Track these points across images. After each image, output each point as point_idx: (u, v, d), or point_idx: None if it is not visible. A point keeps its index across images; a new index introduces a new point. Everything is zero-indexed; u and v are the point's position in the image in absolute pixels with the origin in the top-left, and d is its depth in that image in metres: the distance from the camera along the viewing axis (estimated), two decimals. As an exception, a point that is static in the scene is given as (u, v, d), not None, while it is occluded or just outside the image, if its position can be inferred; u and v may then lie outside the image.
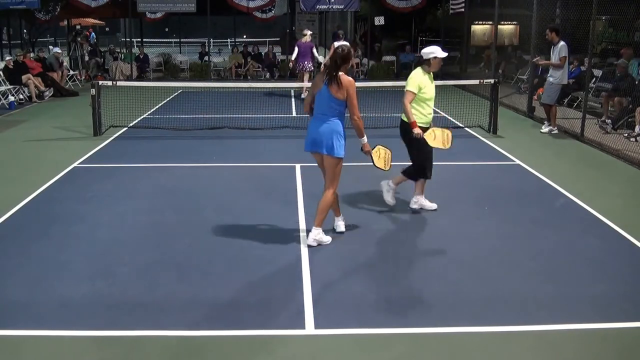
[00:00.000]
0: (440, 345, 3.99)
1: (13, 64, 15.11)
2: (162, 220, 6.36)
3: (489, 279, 4.94)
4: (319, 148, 5.46)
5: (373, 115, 12.33)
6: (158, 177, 8.05)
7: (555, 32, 10.69)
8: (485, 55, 19.00)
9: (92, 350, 3.89)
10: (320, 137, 5.43)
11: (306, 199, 6.90)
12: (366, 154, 5.70)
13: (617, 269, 5.18)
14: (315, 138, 5.47)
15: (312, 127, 5.52)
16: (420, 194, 6.61)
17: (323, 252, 5.48)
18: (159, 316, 4.31)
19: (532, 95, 13.14)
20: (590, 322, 4.24)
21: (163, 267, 5.14)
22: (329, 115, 5.42)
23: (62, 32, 27.39)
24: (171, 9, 20.35)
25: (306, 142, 5.58)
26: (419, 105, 6.27)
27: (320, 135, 5.43)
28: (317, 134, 5.44)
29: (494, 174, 8.38)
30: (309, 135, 5.54)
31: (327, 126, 5.41)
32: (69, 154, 9.24)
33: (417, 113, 6.27)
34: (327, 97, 5.37)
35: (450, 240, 5.82)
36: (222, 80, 20.30)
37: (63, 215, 6.48)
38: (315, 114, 5.53)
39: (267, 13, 21.69)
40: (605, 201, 6.63)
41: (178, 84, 16.67)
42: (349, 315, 4.32)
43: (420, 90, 6.21)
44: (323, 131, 5.42)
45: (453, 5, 19.20)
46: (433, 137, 6.28)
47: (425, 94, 6.25)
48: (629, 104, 10.70)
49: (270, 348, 3.93)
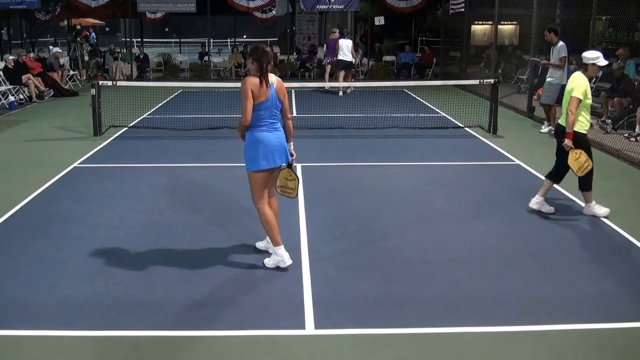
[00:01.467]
0: (440, 345, 3.99)
1: (14, 64, 15.10)
2: (162, 220, 6.36)
3: (488, 279, 4.94)
4: (285, 159, 5.05)
5: (373, 115, 12.35)
6: (158, 177, 8.05)
7: (554, 32, 10.68)
8: (485, 55, 18.99)
9: (92, 350, 3.89)
10: (284, 146, 5.03)
11: (306, 199, 6.90)
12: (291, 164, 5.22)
13: (617, 269, 5.18)
14: (283, 148, 5.01)
15: (274, 138, 4.94)
16: (542, 194, 6.48)
17: (323, 252, 5.47)
18: (159, 316, 4.31)
19: (532, 95, 13.14)
20: (590, 322, 4.24)
21: (163, 267, 5.14)
22: (277, 122, 5.00)
23: (62, 32, 27.39)
24: (171, 9, 20.35)
25: (272, 156, 4.94)
26: (582, 111, 6.08)
27: (284, 145, 5.03)
28: (281, 144, 4.99)
29: (494, 174, 8.38)
30: (277, 149, 4.95)
31: (282, 134, 5.01)
32: (69, 154, 9.24)
33: (580, 120, 6.09)
34: (276, 103, 4.93)
35: (450, 240, 5.81)
36: (222, 80, 20.29)
37: (63, 215, 6.48)
38: (266, 124, 4.94)
39: (267, 13, 21.69)
40: (605, 201, 6.62)
41: (178, 84, 16.68)
42: (349, 315, 4.32)
43: (586, 96, 6.02)
44: (284, 141, 5.02)
45: (453, 5, 19.20)
46: (575, 157, 6.07)
47: (589, 100, 6.09)
48: (629, 104, 10.71)
49: (270, 348, 3.93)
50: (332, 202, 6.93)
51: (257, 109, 4.87)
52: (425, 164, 8.85)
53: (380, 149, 9.78)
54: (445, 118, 12.64)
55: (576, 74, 6.21)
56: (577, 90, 6.04)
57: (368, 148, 9.81)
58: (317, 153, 9.39)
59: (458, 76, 18.74)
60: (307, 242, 5.68)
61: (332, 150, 9.68)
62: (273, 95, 4.89)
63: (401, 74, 20.63)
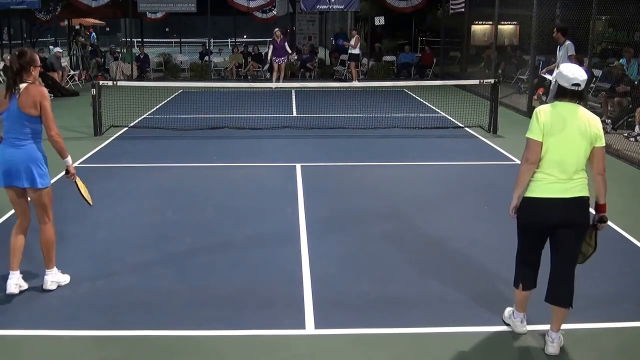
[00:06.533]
0: (440, 345, 3.99)
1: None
2: (163, 220, 6.36)
3: (488, 279, 4.94)
4: (17, 181, 4.45)
5: (373, 115, 12.35)
6: (158, 177, 8.05)
7: (562, 31, 10.70)
8: (485, 55, 19.00)
9: (92, 350, 3.89)
10: (16, 168, 4.42)
11: (306, 199, 6.90)
12: (70, 178, 4.88)
13: (617, 269, 5.18)
14: (9, 169, 4.43)
15: (4, 155, 4.43)
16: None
17: (323, 252, 5.48)
18: (159, 316, 4.31)
19: (532, 95, 13.14)
20: (590, 322, 4.23)
21: (163, 267, 5.14)
22: (22, 139, 4.43)
23: (63, 32, 27.40)
24: (171, 9, 20.36)
25: (4, 175, 4.46)
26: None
27: (16, 165, 4.42)
28: (12, 163, 4.41)
29: (494, 173, 8.38)
30: (4, 168, 4.45)
31: (22, 153, 4.42)
32: (70, 153, 9.20)
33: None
34: (17, 115, 4.37)
35: (450, 240, 5.81)
36: (223, 80, 20.29)
37: (63, 215, 6.47)
38: (5, 138, 4.46)
39: (268, 13, 21.68)
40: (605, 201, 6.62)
41: (178, 84, 16.68)
42: (349, 315, 4.32)
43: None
44: (19, 160, 4.41)
45: (453, 5, 19.20)
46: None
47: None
48: (628, 104, 10.71)
49: (270, 348, 3.93)
50: (332, 202, 6.93)
51: (3, 118, 4.43)
52: (425, 163, 8.85)
53: (381, 149, 9.78)
54: (446, 118, 12.64)
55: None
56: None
57: (368, 148, 9.81)
58: (317, 153, 9.40)
59: (458, 76, 18.73)
60: (307, 242, 5.68)
61: (332, 150, 9.68)
62: (13, 107, 4.36)
63: (401, 74, 20.63)
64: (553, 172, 3.76)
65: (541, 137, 3.76)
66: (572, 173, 3.76)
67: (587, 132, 3.72)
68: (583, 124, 3.73)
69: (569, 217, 3.77)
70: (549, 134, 3.74)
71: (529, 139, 3.81)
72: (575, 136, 3.72)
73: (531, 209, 3.82)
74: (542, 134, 3.75)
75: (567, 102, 3.77)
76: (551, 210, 3.76)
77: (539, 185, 3.80)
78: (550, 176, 3.76)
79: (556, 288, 3.83)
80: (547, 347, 3.87)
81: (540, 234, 3.87)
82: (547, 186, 3.77)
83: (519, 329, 4.07)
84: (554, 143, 3.74)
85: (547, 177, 3.77)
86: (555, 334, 3.86)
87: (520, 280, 3.97)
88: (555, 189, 3.76)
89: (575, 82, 3.72)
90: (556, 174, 3.75)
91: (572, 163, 3.74)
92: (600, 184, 3.86)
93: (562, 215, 3.76)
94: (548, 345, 3.86)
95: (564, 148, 3.73)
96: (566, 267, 3.84)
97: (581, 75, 3.73)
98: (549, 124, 3.73)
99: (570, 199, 3.76)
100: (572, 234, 3.81)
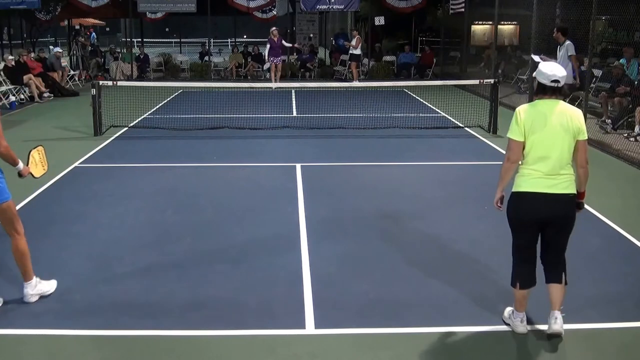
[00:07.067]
0: (440, 345, 3.99)
1: (15, 64, 15.11)
2: (163, 220, 6.36)
3: (489, 279, 4.94)
4: None
5: (373, 115, 12.35)
6: (158, 177, 8.05)
7: (562, 32, 10.71)
8: (485, 55, 19.00)
9: (92, 350, 3.89)
10: None
11: (306, 199, 6.90)
12: (24, 175, 4.85)
13: (617, 269, 5.18)
14: None
15: None
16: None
17: (323, 252, 5.48)
18: (159, 316, 4.31)
19: (532, 95, 13.12)
20: (590, 322, 4.24)
21: (163, 267, 5.14)
22: None
23: (63, 32, 27.39)
24: (171, 9, 20.36)
25: None
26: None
27: None
28: None
29: (494, 173, 8.30)
30: None
31: None
32: (70, 154, 9.24)
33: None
34: None
35: (450, 240, 5.81)
36: (223, 80, 20.29)
37: (63, 215, 6.48)
38: None
39: (268, 13, 21.67)
40: (605, 201, 6.63)
41: (178, 84, 16.68)
42: (349, 315, 4.32)
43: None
44: None
45: (453, 5, 19.20)
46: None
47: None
48: (628, 104, 10.70)
49: (271, 348, 3.93)
50: (332, 202, 6.93)
51: None
52: (425, 164, 8.85)
53: (381, 149, 9.78)
54: (446, 118, 12.64)
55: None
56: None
57: (368, 148, 9.81)
58: (317, 153, 9.40)
59: (458, 76, 18.74)
60: (307, 242, 5.68)
61: (332, 150, 9.68)
62: None
63: (401, 74, 20.63)
64: (539, 168, 3.87)
65: (522, 137, 3.88)
66: (558, 168, 3.85)
67: (570, 127, 3.82)
68: (565, 119, 3.83)
69: (555, 213, 3.88)
70: (531, 132, 3.85)
71: (510, 139, 3.95)
72: (558, 131, 3.82)
73: (518, 203, 3.96)
74: (522, 133, 3.87)
75: (547, 100, 3.88)
76: (538, 205, 3.87)
77: (525, 180, 3.93)
78: (536, 171, 3.88)
79: (548, 271, 4.01)
80: (551, 326, 3.94)
81: (530, 227, 3.96)
82: (533, 181, 3.89)
83: (519, 329, 4.08)
84: (537, 140, 3.85)
85: (533, 173, 3.90)
86: (558, 312, 3.95)
87: (517, 278, 4.03)
88: (541, 184, 3.86)
89: (554, 78, 3.82)
90: (542, 169, 3.86)
91: (557, 158, 3.84)
92: (582, 176, 3.97)
93: (550, 210, 3.86)
94: (552, 325, 3.93)
95: (547, 144, 3.83)
96: (557, 255, 4.00)
97: (560, 71, 3.84)
98: (529, 123, 3.86)
99: (556, 194, 3.86)
100: (561, 229, 3.93)
